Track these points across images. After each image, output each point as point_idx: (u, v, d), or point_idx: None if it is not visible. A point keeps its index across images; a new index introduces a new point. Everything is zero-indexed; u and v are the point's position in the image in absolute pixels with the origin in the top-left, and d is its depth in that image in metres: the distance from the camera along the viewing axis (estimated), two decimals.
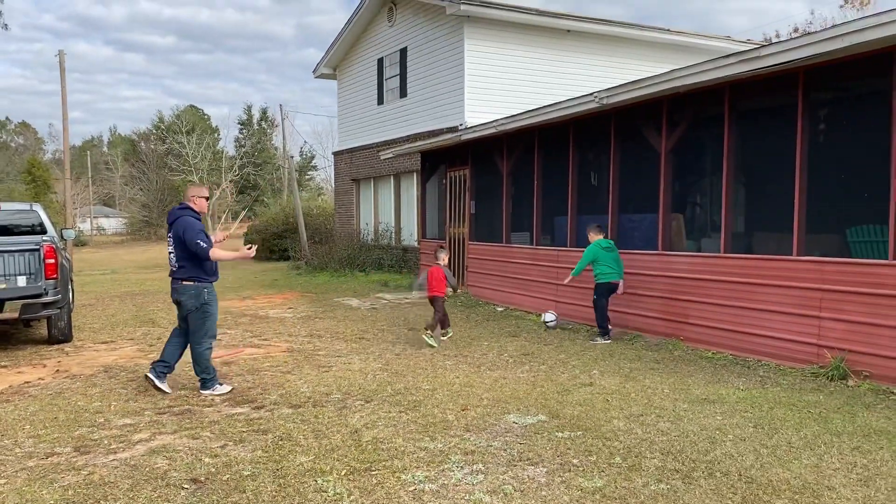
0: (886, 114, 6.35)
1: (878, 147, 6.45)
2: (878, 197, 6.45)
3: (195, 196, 6.83)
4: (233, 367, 7.84)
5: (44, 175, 51.50)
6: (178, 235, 6.53)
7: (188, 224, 6.52)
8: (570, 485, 4.14)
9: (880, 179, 6.41)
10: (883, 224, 6.41)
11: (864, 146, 6.79)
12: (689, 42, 19.25)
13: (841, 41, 6.11)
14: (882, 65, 6.37)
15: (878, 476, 4.14)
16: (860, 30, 5.92)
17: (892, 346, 6.26)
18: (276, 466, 4.57)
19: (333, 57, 23.04)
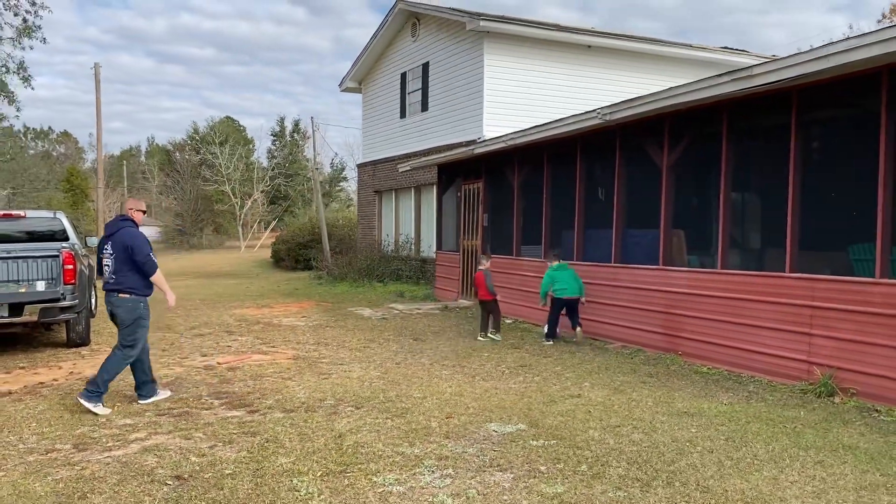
0: (875, 133, 6.41)
1: (867, 166, 6.50)
2: (870, 215, 6.49)
3: (133, 209, 6.73)
4: (237, 372, 8.10)
5: (82, 184, 53.02)
6: (125, 246, 6.41)
7: (137, 236, 6.49)
8: (532, 490, 4.30)
9: (870, 198, 6.46)
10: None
11: (854, 165, 6.84)
12: (711, 58, 19.26)
13: (826, 62, 6.19)
14: (870, 85, 6.44)
15: (833, 489, 4.22)
16: (844, 51, 6.00)
17: (878, 363, 6.28)
18: (257, 467, 4.80)
19: (359, 71, 23.48)
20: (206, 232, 56.09)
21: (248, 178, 53.46)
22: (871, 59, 5.92)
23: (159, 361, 8.75)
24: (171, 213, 59.75)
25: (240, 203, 52.95)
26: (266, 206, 55.52)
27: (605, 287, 10.06)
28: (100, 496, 4.28)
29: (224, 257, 41.05)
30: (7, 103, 22.50)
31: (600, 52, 18.32)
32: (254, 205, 53.71)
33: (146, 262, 6.44)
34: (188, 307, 14.78)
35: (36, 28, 21.25)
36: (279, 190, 55.76)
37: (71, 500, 4.22)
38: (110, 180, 65.90)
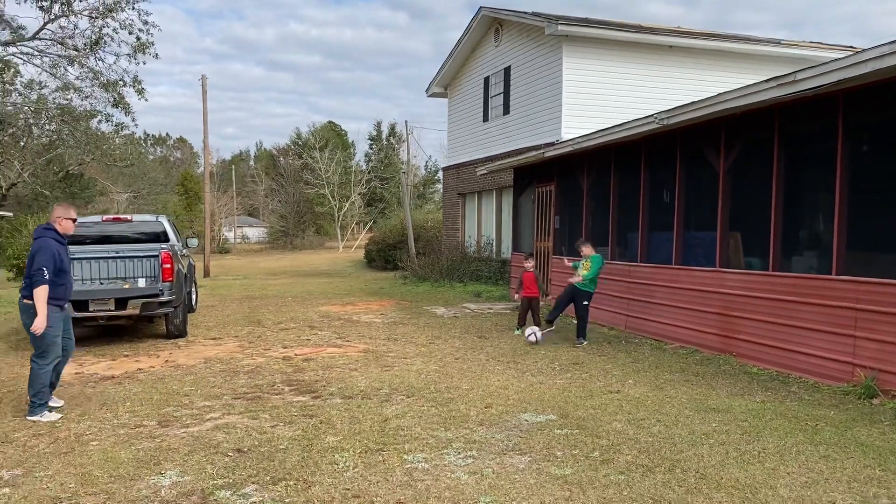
0: None
1: None
2: None
3: (60, 217, 6.56)
4: (311, 363, 8.87)
5: (195, 187, 56.45)
6: (31, 255, 6.33)
7: (41, 247, 6.31)
8: (542, 471, 4.74)
9: None
10: None
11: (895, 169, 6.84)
12: (801, 54, 18.74)
13: (864, 66, 6.28)
14: None
15: (826, 480, 4.44)
16: (878, 56, 6.08)
17: None
18: (307, 444, 5.46)
19: (444, 76, 24.18)
20: (308, 233, 58.57)
21: (346, 181, 55.45)
22: None
23: (245, 352, 9.68)
24: (275, 215, 62.68)
25: (338, 205, 54.99)
26: (363, 207, 57.38)
27: (666, 288, 10.25)
28: (171, 463, 5.06)
29: (322, 257, 42.88)
30: (124, 114, 24.50)
31: (683, 51, 18.19)
32: (351, 207, 55.65)
33: (34, 274, 6.19)
34: (279, 304, 15.86)
35: (149, 45, 23.12)
36: (375, 192, 57.50)
37: (147, 465, 5.01)
38: (221, 183, 69.85)
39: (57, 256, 6.34)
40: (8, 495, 4.52)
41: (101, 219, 11.90)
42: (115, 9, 21.74)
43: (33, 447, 5.50)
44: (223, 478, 4.75)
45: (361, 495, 4.39)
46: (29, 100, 25.95)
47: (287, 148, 67.90)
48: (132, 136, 39.27)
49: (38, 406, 6.33)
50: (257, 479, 4.71)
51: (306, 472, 4.82)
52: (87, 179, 42.77)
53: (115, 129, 30.76)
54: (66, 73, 23.30)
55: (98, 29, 22.10)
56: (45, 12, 21.55)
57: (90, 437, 5.74)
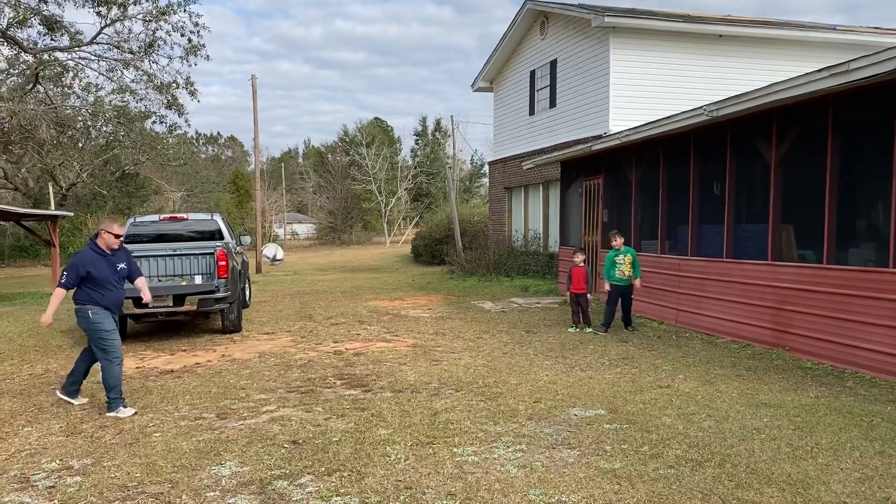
0: None
1: None
2: None
3: (104, 230, 6.85)
4: (361, 357, 9.04)
5: (246, 185, 57.59)
6: None
7: (78, 256, 6.80)
8: (591, 465, 4.79)
9: None
10: None
11: None
12: (859, 40, 18.22)
13: None
14: None
15: (881, 476, 4.39)
16: None
17: None
18: (360, 436, 5.61)
19: (490, 70, 24.18)
20: (356, 228, 59.22)
21: (392, 176, 55.88)
22: None
23: (297, 346, 9.91)
24: (324, 212, 63.51)
25: (385, 201, 55.45)
26: (409, 203, 57.75)
27: (717, 282, 10.13)
28: (230, 454, 5.25)
29: (370, 252, 43.33)
30: (178, 115, 25.16)
31: (733, 40, 17.85)
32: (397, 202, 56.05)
33: (61, 276, 6.70)
34: (329, 299, 16.14)
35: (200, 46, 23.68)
36: (421, 187, 57.80)
37: (207, 456, 5.22)
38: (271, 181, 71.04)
39: (90, 265, 6.65)
40: (80, 483, 4.76)
41: (158, 218, 12.30)
42: (167, 12, 22.33)
43: (100, 438, 5.77)
44: (280, 468, 4.92)
45: (413, 487, 4.51)
46: (86, 102, 26.87)
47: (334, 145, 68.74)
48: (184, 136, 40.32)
49: (114, 401, 6.57)
50: (312, 470, 4.86)
51: (359, 464, 4.95)
52: (142, 179, 44.04)
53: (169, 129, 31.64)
54: (121, 77, 24.02)
55: (152, 32, 22.75)
56: (103, 18, 22.25)
57: (153, 428, 5.99)
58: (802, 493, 4.19)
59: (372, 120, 69.32)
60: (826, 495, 4.15)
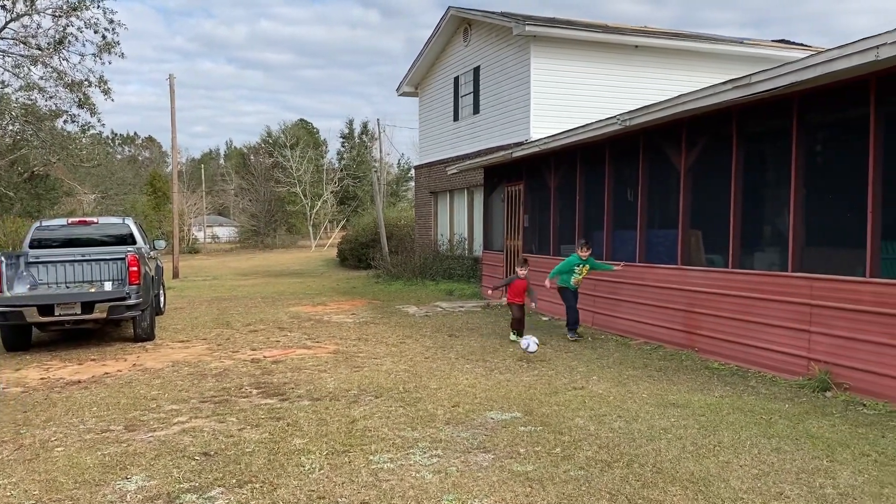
0: (866, 138, 6.63)
1: (859, 169, 6.73)
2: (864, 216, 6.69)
3: None
4: (280, 365, 8.90)
5: (163, 187, 55.88)
6: None
7: None
8: (505, 469, 4.86)
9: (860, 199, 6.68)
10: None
11: (849, 167, 7.05)
12: (764, 53, 19.13)
13: (814, 70, 6.47)
14: (860, 92, 6.67)
15: (776, 472, 4.62)
16: (827, 60, 6.28)
17: (868, 359, 6.53)
18: (274, 446, 5.51)
19: (415, 75, 24.23)
20: (280, 232, 58.26)
21: (318, 179, 55.27)
22: (853, 69, 6.17)
23: (213, 354, 9.67)
24: (246, 214, 62.22)
25: (310, 204, 54.77)
26: (335, 206, 57.23)
27: (631, 286, 10.44)
28: (137, 467, 5.08)
29: (294, 256, 42.70)
30: (90, 114, 24.21)
31: (649, 51, 18.44)
32: (323, 205, 55.47)
33: None
34: (249, 305, 15.82)
35: (115, 44, 22.87)
36: (348, 190, 57.37)
37: (113, 470, 5.03)
38: (190, 182, 69.17)
39: None
40: None
41: (66, 221, 11.79)
42: (79, 7, 21.48)
43: None
44: (189, 481, 4.79)
45: (326, 496, 4.47)
46: None
47: (257, 146, 67.43)
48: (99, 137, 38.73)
49: None
50: (223, 483, 4.75)
51: (272, 475, 4.87)
52: (52, 180, 42.00)
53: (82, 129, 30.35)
54: (29, 73, 22.95)
55: (62, 28, 21.83)
56: (7, 11, 21.21)
57: (55, 443, 5.74)
58: (704, 491, 4.36)
59: (297, 121, 68.39)
60: (725, 492, 4.34)
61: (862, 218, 6.65)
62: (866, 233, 6.60)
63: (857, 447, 5.11)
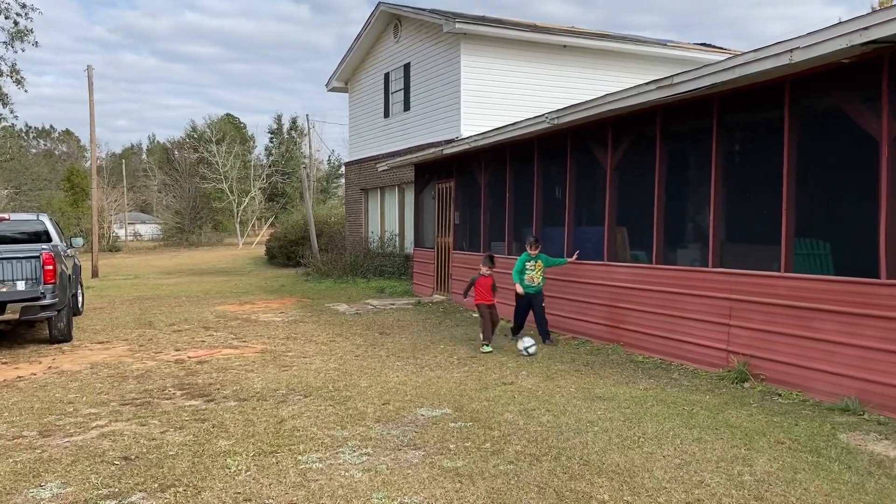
0: (780, 138, 6.92)
1: (774, 168, 7.01)
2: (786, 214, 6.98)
3: None
4: (205, 365, 8.66)
5: (82, 182, 53.60)
6: None
7: None
8: (435, 465, 4.85)
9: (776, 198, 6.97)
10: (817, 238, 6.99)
11: (765, 166, 7.34)
12: (686, 56, 19.72)
13: (732, 73, 6.71)
14: (776, 94, 6.95)
15: (697, 461, 4.77)
16: (744, 63, 6.52)
17: (783, 351, 6.82)
18: (199, 449, 5.36)
19: (345, 71, 23.98)
20: (205, 229, 56.78)
21: (245, 175, 54.10)
22: (769, 72, 6.42)
23: (134, 355, 9.34)
24: (170, 211, 60.37)
25: (237, 200, 53.58)
26: (263, 203, 56.16)
27: (560, 282, 10.59)
28: (52, 474, 4.85)
29: (221, 254, 41.68)
30: (2, 106, 23.03)
31: (577, 51, 18.76)
32: (251, 202, 54.36)
33: None
34: (173, 304, 15.35)
35: (28, 31, 21.80)
36: (276, 187, 56.38)
37: (26, 478, 4.79)
38: (111, 178, 66.65)
39: None
40: None
41: None
42: None
43: None
44: (108, 487, 4.60)
45: (253, 498, 4.37)
46: None
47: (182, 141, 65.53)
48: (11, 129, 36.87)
49: None
50: (144, 487, 4.59)
51: (196, 478, 4.73)
52: None
53: None
54: None
55: None
56: None
57: None
58: (629, 482, 4.46)
59: (224, 116, 66.71)
60: (649, 482, 4.45)
61: (777, 216, 6.93)
62: (781, 230, 6.89)
63: (773, 435, 5.33)
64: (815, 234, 7.34)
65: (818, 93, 6.73)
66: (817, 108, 7.03)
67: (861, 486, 4.34)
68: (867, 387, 5.98)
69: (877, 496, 4.19)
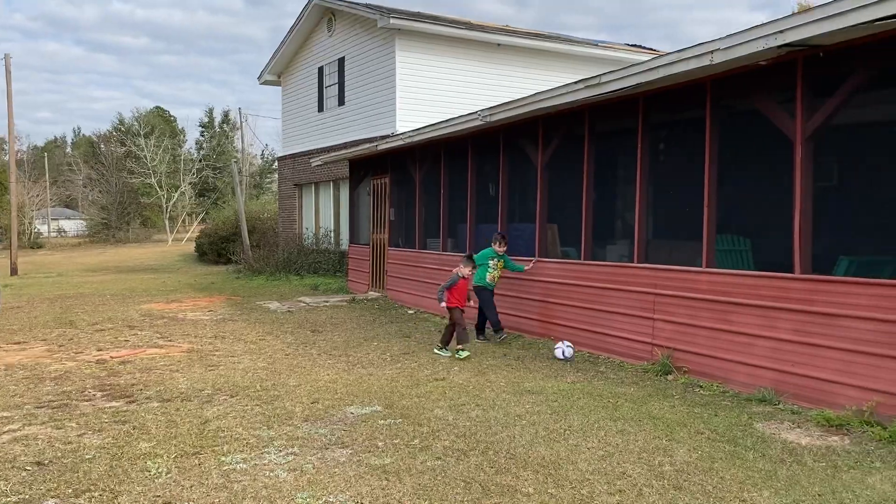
0: (702, 138, 7.13)
1: (696, 167, 7.22)
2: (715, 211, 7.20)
3: None
4: (128, 366, 8.38)
5: (0, 177, 51.23)
6: None
7: None
8: (362, 463, 4.82)
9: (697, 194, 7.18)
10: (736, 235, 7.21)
11: (688, 164, 7.56)
12: (617, 56, 20.11)
13: (656, 73, 6.87)
14: (698, 94, 7.15)
15: (620, 452, 4.87)
16: (667, 64, 6.68)
17: (704, 344, 7.04)
18: (118, 451, 5.18)
19: (278, 64, 23.59)
20: (133, 225, 54.99)
21: (175, 170, 52.63)
22: (691, 72, 6.60)
23: (53, 356, 8.97)
24: (96, 207, 58.23)
25: (166, 196, 52.09)
26: (194, 198, 54.77)
27: None
28: None
29: (149, 251, 40.46)
30: None
31: (512, 50, 18.91)
32: (181, 197, 52.94)
33: None
34: (97, 303, 14.82)
35: None
36: (207, 182, 55.06)
37: None
38: (33, 172, 63.92)
39: None
40: None
41: None
42: None
43: None
44: (18, 494, 4.40)
45: (173, 501, 4.25)
46: None
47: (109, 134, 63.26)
48: None
49: None
50: (58, 493, 4.41)
51: (114, 482, 4.57)
52: None
53: None
54: None
55: None
56: None
57: None
58: (553, 474, 4.52)
59: (153, 109, 64.84)
60: (573, 474, 4.52)
61: (700, 213, 7.14)
62: (703, 226, 7.09)
63: (693, 426, 5.49)
64: (736, 231, 7.61)
65: (738, 94, 6.95)
66: (737, 108, 7.28)
67: (773, 473, 4.51)
68: (782, 377, 6.22)
69: (787, 482, 4.36)
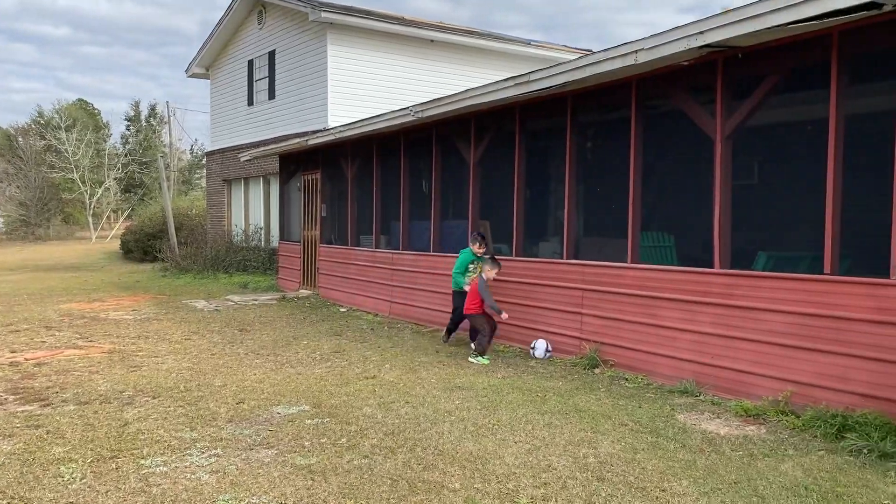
0: (628, 137, 7.27)
1: (622, 165, 7.37)
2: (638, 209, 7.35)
3: None
4: (44, 367, 8.02)
5: None
6: None
7: None
8: (287, 463, 4.73)
9: (624, 192, 7.33)
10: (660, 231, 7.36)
11: (617, 162, 7.70)
12: (550, 55, 20.33)
13: (584, 71, 6.97)
14: (624, 93, 7.30)
15: (546, 446, 4.93)
16: (595, 63, 6.79)
17: (630, 337, 7.19)
18: (30, 457, 4.94)
19: (206, 56, 23.02)
20: (54, 222, 52.68)
21: (98, 165, 50.72)
22: (617, 71, 6.73)
23: None
24: (14, 203, 55.57)
25: (90, 192, 50.17)
26: (119, 194, 52.93)
27: (426, 275, 10.67)
28: None
29: (72, 249, 38.89)
30: None
31: (445, 46, 18.94)
32: (105, 193, 51.09)
33: None
34: (12, 302, 14.14)
35: None
36: (133, 177, 53.30)
37: None
38: None
39: None
40: None
41: None
42: None
43: None
44: None
45: None
46: None
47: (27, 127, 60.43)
48: None
49: None
50: None
51: (24, 489, 4.36)
52: None
53: None
54: None
55: None
56: None
57: None
58: (480, 469, 4.54)
59: (75, 101, 62.21)
60: (500, 468, 4.55)
61: (625, 210, 7.28)
62: (628, 223, 7.24)
63: (617, 418, 5.60)
64: (661, 228, 7.81)
65: (662, 93, 7.12)
66: (661, 107, 7.45)
67: (693, 462, 4.64)
68: (702, 369, 6.41)
69: (705, 472, 4.49)
